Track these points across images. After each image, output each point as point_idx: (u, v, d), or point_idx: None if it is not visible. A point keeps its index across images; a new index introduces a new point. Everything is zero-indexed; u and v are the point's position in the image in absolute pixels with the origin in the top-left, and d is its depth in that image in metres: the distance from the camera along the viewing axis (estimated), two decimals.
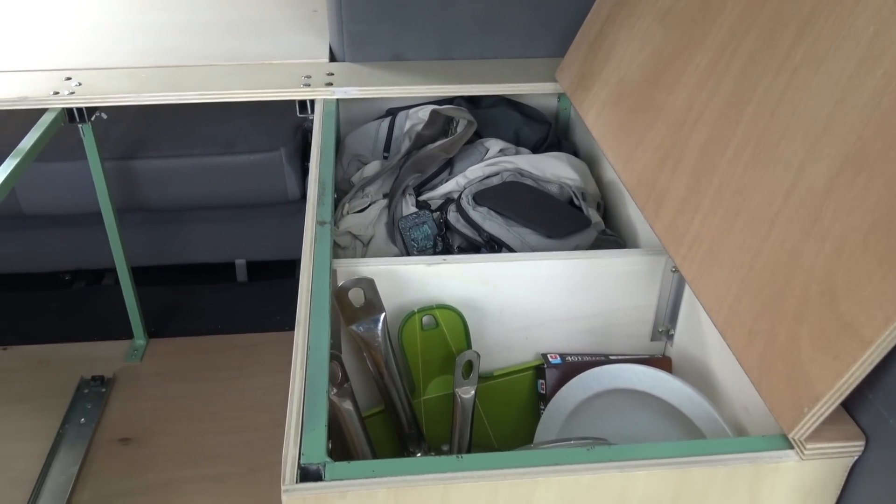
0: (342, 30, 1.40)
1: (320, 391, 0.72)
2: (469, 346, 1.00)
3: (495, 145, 1.28)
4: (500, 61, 1.45)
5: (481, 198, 1.12)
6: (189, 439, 1.50)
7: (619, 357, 1.04)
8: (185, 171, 1.61)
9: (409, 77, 1.39)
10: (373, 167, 1.26)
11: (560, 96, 1.46)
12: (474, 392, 0.96)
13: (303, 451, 0.66)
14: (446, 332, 0.98)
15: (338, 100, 1.36)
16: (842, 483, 0.69)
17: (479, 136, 1.33)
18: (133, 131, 1.68)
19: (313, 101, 1.35)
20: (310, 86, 1.34)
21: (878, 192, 0.62)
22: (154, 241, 1.78)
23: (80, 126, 1.42)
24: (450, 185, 1.20)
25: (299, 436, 0.68)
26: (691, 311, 0.99)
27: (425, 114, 1.33)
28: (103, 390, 1.60)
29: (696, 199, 0.84)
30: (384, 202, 1.18)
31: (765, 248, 0.73)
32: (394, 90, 1.36)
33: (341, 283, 0.91)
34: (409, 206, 1.16)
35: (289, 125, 1.66)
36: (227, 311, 1.85)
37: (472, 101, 1.41)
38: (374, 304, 0.92)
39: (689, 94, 0.93)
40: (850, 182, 0.65)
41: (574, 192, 1.20)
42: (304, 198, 1.72)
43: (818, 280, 0.66)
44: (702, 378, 0.96)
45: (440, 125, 1.29)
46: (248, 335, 1.77)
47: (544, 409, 0.99)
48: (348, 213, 1.15)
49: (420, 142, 1.27)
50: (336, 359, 0.92)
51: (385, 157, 1.33)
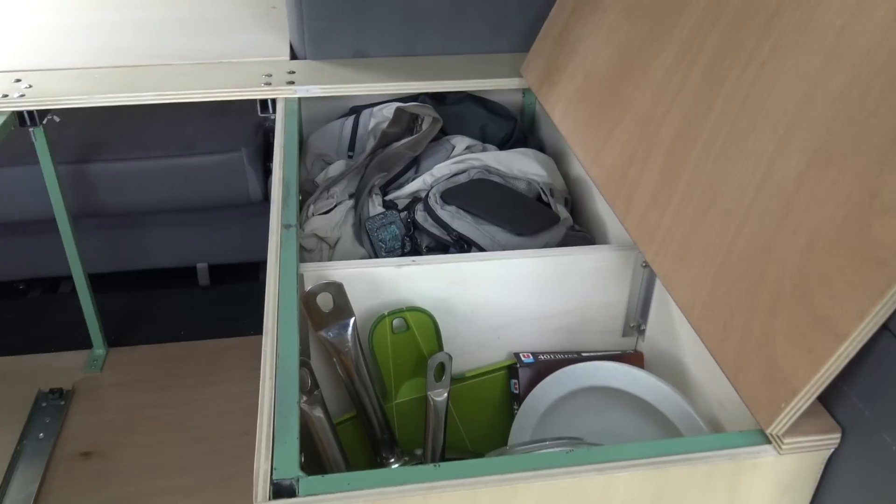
0: (302, 27, 1.38)
1: (291, 402, 0.70)
2: (441, 347, 0.99)
3: (461, 142, 1.26)
4: (465, 57, 1.44)
5: (449, 196, 1.10)
6: (154, 450, 1.46)
7: (591, 354, 1.03)
8: (142, 173, 1.57)
9: (372, 74, 1.37)
10: (337, 167, 1.24)
11: (525, 92, 1.45)
12: (447, 394, 0.95)
13: (275, 466, 0.64)
14: (417, 335, 0.97)
15: (300, 98, 1.34)
16: (819, 476, 0.69)
17: (444, 133, 1.31)
18: (87, 134, 1.63)
19: (275, 101, 1.32)
20: (271, 84, 1.31)
21: (850, 186, 0.62)
22: (112, 246, 1.73)
23: (31, 130, 1.37)
24: (416, 184, 1.18)
25: (270, 449, 0.65)
26: (662, 306, 0.99)
27: (390, 111, 1.31)
28: (62, 403, 1.55)
29: (667, 193, 0.84)
30: (350, 203, 1.16)
31: (737, 242, 0.72)
32: (357, 88, 1.34)
33: (309, 287, 0.89)
34: (375, 207, 1.14)
35: (249, 125, 1.63)
36: (189, 316, 1.81)
37: (437, 98, 1.40)
38: (343, 308, 0.90)
39: (656, 88, 0.92)
40: (821, 175, 0.65)
41: (542, 189, 1.19)
42: (267, 199, 1.70)
43: (791, 274, 0.65)
44: (674, 372, 0.96)
45: (405, 123, 1.27)
46: (213, 341, 1.74)
47: (518, 409, 0.98)
48: (313, 215, 1.13)
49: (385, 140, 1.25)
50: (305, 365, 0.90)
51: (350, 157, 1.31)
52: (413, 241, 1.11)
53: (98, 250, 1.72)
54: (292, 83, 1.32)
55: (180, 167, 1.57)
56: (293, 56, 1.44)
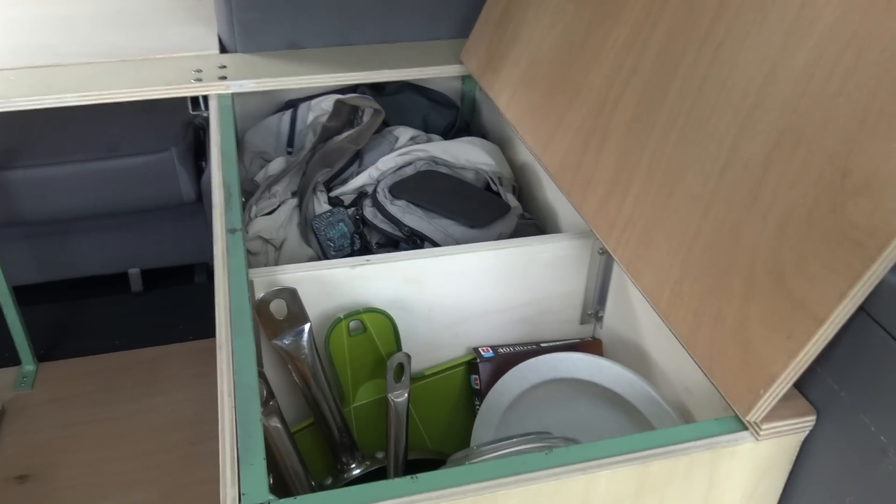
0: (231, 18, 1.31)
1: (254, 420, 0.66)
2: (399, 348, 0.96)
3: (405, 133, 1.23)
4: (402, 45, 1.40)
5: (398, 190, 1.07)
6: (95, 468, 1.39)
7: (550, 344, 1.02)
8: (65, 178, 1.48)
9: (307, 66, 1.32)
10: (277, 164, 1.19)
11: (464, 79, 1.43)
12: (407, 395, 0.92)
13: (243, 491, 0.60)
14: (375, 336, 0.93)
15: (233, 94, 1.28)
16: (794, 458, 0.69)
17: (386, 124, 1.28)
18: (4, 139, 1.53)
19: (206, 97, 1.26)
20: (202, 80, 1.25)
21: (819, 166, 0.62)
22: (37, 256, 1.63)
23: None
24: (362, 179, 1.15)
25: (236, 473, 0.61)
26: (620, 293, 0.98)
27: (328, 104, 1.26)
28: None
29: (626, 179, 0.83)
30: (294, 202, 1.11)
31: (704, 227, 0.71)
32: (293, 81, 1.29)
33: (260, 295, 0.85)
34: (321, 204, 1.10)
35: (178, 123, 1.55)
36: (124, 324, 1.72)
37: (376, 88, 1.36)
38: (297, 314, 0.86)
39: (608, 72, 0.90)
40: (789, 156, 0.65)
41: (490, 178, 1.16)
42: (200, 199, 1.63)
43: (763, 258, 0.65)
44: (635, 359, 0.95)
45: (345, 115, 1.23)
46: (151, 349, 1.66)
47: (479, 406, 0.96)
48: (256, 216, 1.08)
49: (326, 134, 1.21)
50: (260, 376, 0.85)
51: (289, 153, 1.26)
52: (362, 239, 1.07)
53: (22, 260, 1.62)
54: (224, 78, 1.26)
55: (106, 170, 1.49)
56: (223, 49, 1.37)
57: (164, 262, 1.77)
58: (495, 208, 1.09)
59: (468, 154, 1.19)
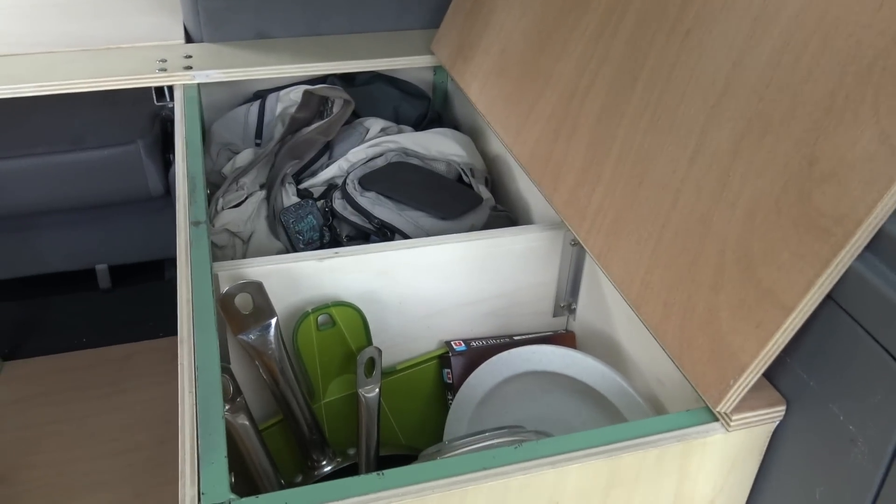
0: (197, 7, 1.29)
1: (215, 417, 0.64)
2: (369, 342, 0.94)
3: (376, 124, 1.21)
4: (372, 35, 1.38)
5: (368, 182, 1.05)
6: (62, 470, 1.35)
7: (523, 337, 1.01)
8: (27, 172, 1.44)
9: (276, 56, 1.30)
10: (245, 156, 1.17)
11: (436, 69, 1.41)
12: (378, 390, 0.91)
13: (203, 490, 0.58)
14: (344, 330, 0.92)
15: (198, 84, 1.25)
16: (764, 449, 0.69)
17: (356, 115, 1.26)
18: None
19: (172, 88, 1.23)
20: (166, 70, 1.22)
21: (787, 154, 0.61)
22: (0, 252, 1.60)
23: None
24: (332, 171, 1.13)
25: (196, 471, 0.60)
26: (593, 284, 0.97)
27: (297, 95, 1.24)
28: None
29: (596, 169, 0.82)
30: (262, 194, 1.09)
31: (673, 216, 0.71)
32: (260, 71, 1.27)
33: (225, 289, 0.83)
34: (289, 197, 1.08)
35: (145, 114, 1.52)
36: (91, 322, 1.69)
37: (346, 79, 1.34)
38: (263, 308, 0.84)
39: (577, 60, 0.89)
40: (757, 144, 0.64)
41: (462, 169, 1.15)
42: (169, 193, 1.59)
43: (732, 247, 0.64)
44: (608, 350, 0.95)
45: (314, 106, 1.21)
46: (119, 346, 1.63)
47: (452, 400, 0.95)
48: (223, 209, 1.05)
49: (294, 125, 1.19)
50: (226, 372, 0.83)
51: (257, 145, 1.24)
52: (332, 231, 1.05)
53: None
54: (190, 68, 1.23)
55: (69, 163, 1.45)
56: (188, 39, 1.35)
57: (133, 258, 1.73)
58: (467, 200, 1.08)
59: (440, 145, 1.17)
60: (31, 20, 1.35)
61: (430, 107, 1.32)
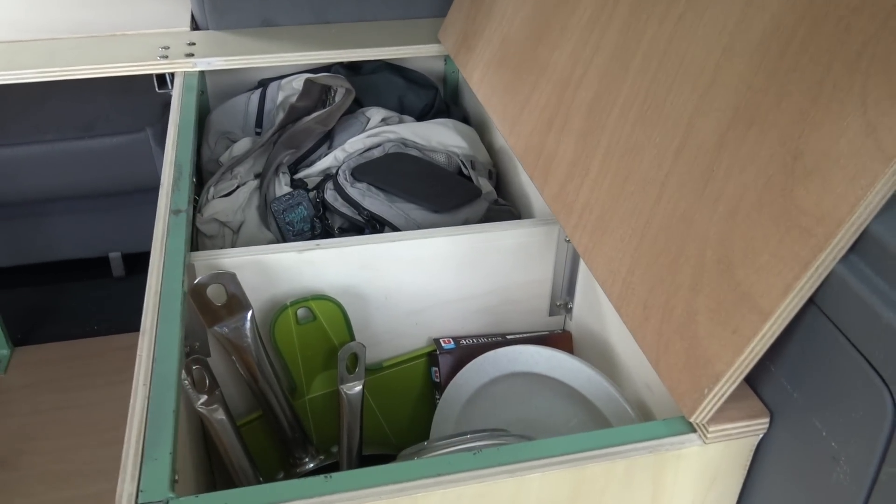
0: None
1: (166, 412, 0.62)
2: (352, 337, 0.92)
3: (377, 114, 1.18)
4: (380, 23, 1.35)
5: (360, 173, 1.02)
6: (63, 457, 1.36)
7: (515, 336, 0.97)
8: (38, 159, 1.44)
9: (280, 44, 1.28)
10: (242, 145, 1.15)
11: (447, 59, 1.38)
12: (361, 387, 0.88)
13: (141, 488, 0.56)
14: (325, 325, 0.89)
15: (202, 72, 1.24)
16: (748, 463, 0.64)
17: (360, 105, 1.23)
18: None
19: (173, 75, 1.22)
20: (168, 58, 1.21)
21: (772, 147, 0.56)
22: (12, 238, 1.61)
23: None
24: (328, 161, 1.10)
25: (138, 468, 0.57)
26: (589, 283, 0.93)
27: (299, 84, 1.22)
28: None
29: (585, 162, 0.77)
30: (255, 183, 1.07)
31: (656, 213, 0.66)
32: (264, 59, 1.25)
33: (199, 279, 0.81)
34: (282, 187, 1.06)
35: (156, 103, 1.51)
36: (103, 309, 1.69)
37: (353, 69, 1.31)
38: (238, 300, 0.82)
39: (573, 49, 0.85)
40: (742, 136, 0.59)
41: (462, 161, 1.11)
42: None
43: (713, 246, 0.59)
44: (602, 353, 0.91)
45: (316, 95, 1.18)
46: (129, 335, 1.62)
47: (440, 399, 0.91)
48: (214, 198, 1.04)
49: (294, 114, 1.16)
50: (201, 364, 0.81)
51: (258, 133, 1.22)
52: (324, 223, 1.03)
53: None
54: (192, 55, 1.22)
55: (79, 151, 1.45)
56: (195, 26, 1.33)
57: (147, 247, 1.71)
58: (463, 193, 1.04)
59: (440, 136, 1.14)
60: (38, 7, 1.35)
61: (436, 97, 1.28)
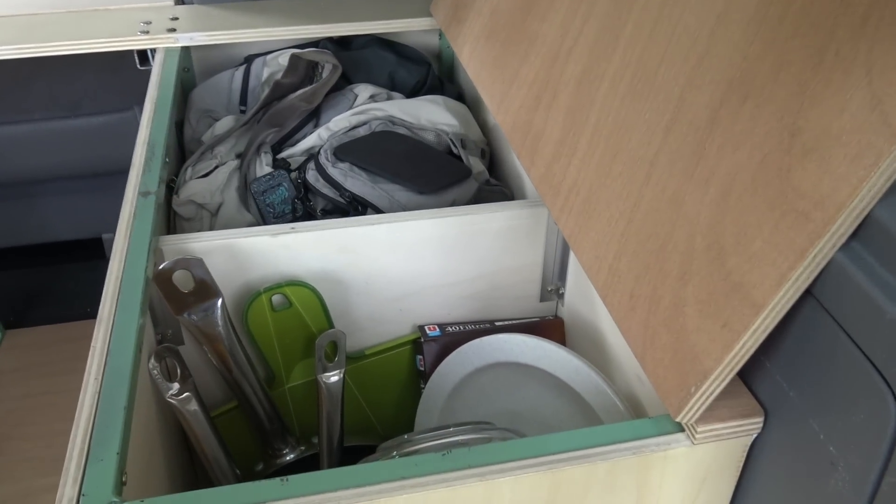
0: None
1: (116, 409, 0.58)
2: (330, 324, 0.87)
3: (365, 91, 1.13)
4: None
5: (343, 152, 0.98)
6: (52, 442, 1.33)
7: (505, 323, 0.92)
8: (23, 138, 1.41)
9: (266, 18, 1.23)
10: (225, 123, 1.10)
11: (441, 33, 1.32)
12: (341, 376, 0.84)
13: (83, 492, 0.52)
14: (302, 312, 0.85)
15: (186, 48, 1.19)
16: (741, 464, 0.60)
17: (349, 81, 1.18)
18: None
19: (155, 51, 1.17)
20: (149, 33, 1.16)
21: (767, 123, 0.51)
22: (3, 219, 1.57)
23: None
24: (311, 140, 1.05)
25: (81, 469, 0.54)
26: (580, 268, 0.88)
27: (286, 59, 1.17)
28: None
29: (572, 140, 0.72)
30: (235, 163, 1.03)
31: (645, 194, 0.61)
32: (250, 34, 1.20)
33: (163, 265, 0.77)
34: (263, 167, 1.01)
35: (144, 81, 1.46)
36: (96, 291, 1.65)
37: (342, 44, 1.26)
38: (207, 287, 0.78)
39: (562, 19, 0.80)
40: (736, 111, 0.54)
41: (452, 140, 1.06)
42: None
43: (703, 231, 0.54)
44: (594, 341, 0.86)
45: (302, 72, 1.14)
46: None
47: (424, 388, 0.87)
48: (192, 179, 0.99)
49: (279, 91, 1.11)
50: (172, 353, 0.77)
51: (242, 112, 1.17)
52: (305, 205, 0.98)
53: None
54: (174, 31, 1.17)
55: (66, 130, 1.41)
56: (179, 0, 1.28)
57: None
58: (451, 173, 0.99)
59: (429, 114, 1.09)
60: None
61: (429, 73, 1.23)
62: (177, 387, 0.75)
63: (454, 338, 0.90)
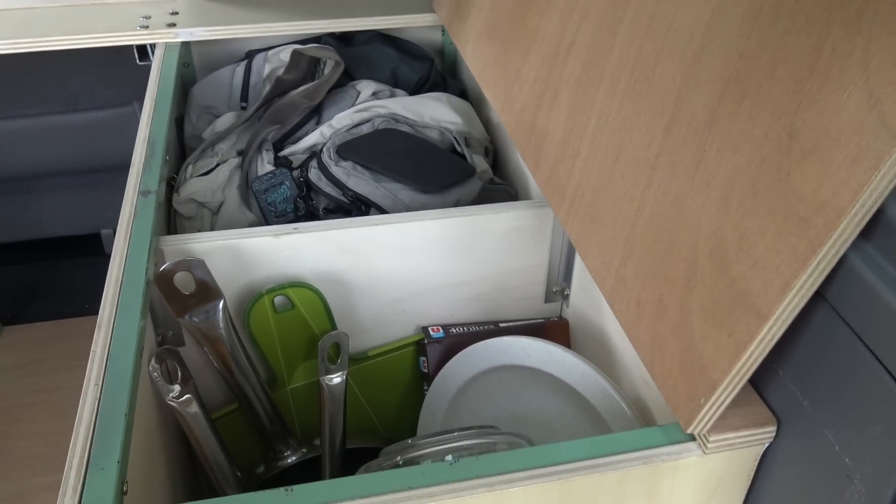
0: None
1: (116, 415, 0.57)
2: (333, 325, 0.86)
3: (367, 88, 1.12)
4: None
5: (345, 150, 0.97)
6: (50, 440, 1.32)
7: (509, 325, 0.91)
8: (20, 133, 1.39)
9: (268, 13, 1.21)
10: (226, 120, 1.09)
11: (444, 29, 1.31)
12: (344, 378, 0.83)
13: (83, 502, 0.51)
14: (304, 313, 0.84)
15: (186, 43, 1.18)
16: (752, 473, 0.59)
17: (351, 78, 1.17)
18: None
19: (154, 46, 1.16)
20: (148, 28, 1.15)
21: (766, 123, 0.50)
22: (0, 214, 1.56)
23: None
24: (314, 137, 1.04)
25: (81, 478, 0.53)
26: (586, 269, 0.87)
27: (287, 55, 1.15)
28: None
29: (575, 142, 0.71)
30: (236, 161, 1.01)
31: (647, 198, 0.60)
32: (250, 29, 1.19)
33: (164, 266, 0.75)
34: (264, 165, 1.00)
35: (143, 76, 1.44)
36: (95, 287, 1.62)
37: (344, 39, 1.25)
38: (208, 288, 0.77)
39: (561, 15, 0.78)
40: (734, 111, 0.53)
41: (455, 138, 1.05)
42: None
43: (706, 236, 0.53)
44: (600, 343, 0.85)
45: (304, 68, 1.12)
46: None
47: (428, 391, 0.87)
48: (192, 177, 0.98)
49: (281, 88, 1.10)
50: (172, 354, 0.76)
51: (243, 108, 1.16)
52: (308, 204, 0.97)
53: None
54: (174, 25, 1.16)
55: (64, 125, 1.40)
56: None
57: None
58: (455, 172, 0.98)
59: (433, 111, 1.08)
60: None
61: (432, 69, 1.22)
62: (177, 389, 0.74)
63: (458, 339, 0.89)
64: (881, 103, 0.41)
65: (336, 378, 0.82)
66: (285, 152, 1.05)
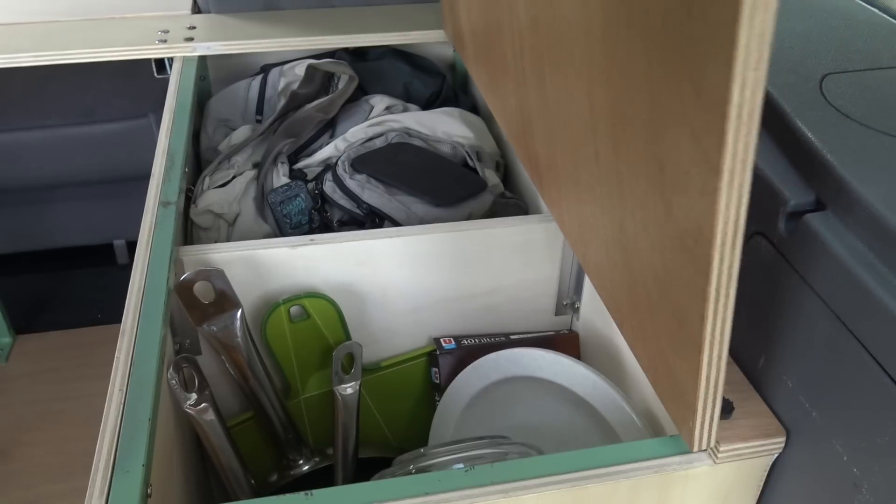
0: None
1: (141, 420, 0.59)
2: (347, 336, 0.88)
3: (381, 102, 1.14)
4: (386, 7, 1.31)
5: (360, 163, 0.98)
6: (62, 448, 1.34)
7: (519, 337, 0.93)
8: (38, 144, 1.42)
9: (283, 28, 1.24)
10: (241, 133, 1.11)
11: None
12: (357, 387, 0.84)
13: (111, 502, 0.52)
14: (319, 323, 0.86)
15: (202, 57, 1.20)
16: (762, 483, 0.60)
17: (364, 92, 1.19)
18: None
19: (172, 60, 1.18)
20: (166, 42, 1.17)
21: (645, 156, 0.50)
22: (15, 224, 1.58)
23: None
24: (328, 150, 1.06)
25: (108, 481, 0.54)
26: None
27: (302, 70, 1.18)
28: None
29: (559, 166, 0.72)
30: (252, 173, 1.03)
31: (612, 222, 0.60)
32: (266, 44, 1.21)
33: (185, 275, 0.77)
34: (280, 177, 1.02)
35: (159, 88, 1.46)
36: (107, 297, 1.67)
37: (357, 54, 1.27)
38: (227, 298, 0.79)
39: (509, 42, 0.79)
40: (628, 142, 0.53)
41: (468, 152, 1.07)
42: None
43: (646, 264, 0.54)
44: (610, 356, 0.86)
45: (318, 82, 1.14)
46: None
47: (440, 401, 0.88)
48: (209, 188, 1.00)
49: (295, 102, 1.12)
50: (189, 363, 0.78)
51: (258, 121, 1.18)
52: (322, 216, 0.99)
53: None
54: (191, 40, 1.18)
55: (80, 136, 1.42)
56: (196, 10, 1.29)
57: None
58: (467, 186, 1.00)
59: (445, 126, 1.09)
60: None
61: (444, 84, 1.24)
62: (194, 397, 0.76)
63: (469, 350, 0.90)
64: (702, 140, 0.42)
65: (349, 388, 0.83)
66: (300, 165, 1.06)
